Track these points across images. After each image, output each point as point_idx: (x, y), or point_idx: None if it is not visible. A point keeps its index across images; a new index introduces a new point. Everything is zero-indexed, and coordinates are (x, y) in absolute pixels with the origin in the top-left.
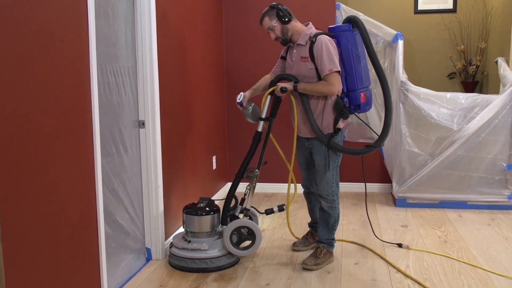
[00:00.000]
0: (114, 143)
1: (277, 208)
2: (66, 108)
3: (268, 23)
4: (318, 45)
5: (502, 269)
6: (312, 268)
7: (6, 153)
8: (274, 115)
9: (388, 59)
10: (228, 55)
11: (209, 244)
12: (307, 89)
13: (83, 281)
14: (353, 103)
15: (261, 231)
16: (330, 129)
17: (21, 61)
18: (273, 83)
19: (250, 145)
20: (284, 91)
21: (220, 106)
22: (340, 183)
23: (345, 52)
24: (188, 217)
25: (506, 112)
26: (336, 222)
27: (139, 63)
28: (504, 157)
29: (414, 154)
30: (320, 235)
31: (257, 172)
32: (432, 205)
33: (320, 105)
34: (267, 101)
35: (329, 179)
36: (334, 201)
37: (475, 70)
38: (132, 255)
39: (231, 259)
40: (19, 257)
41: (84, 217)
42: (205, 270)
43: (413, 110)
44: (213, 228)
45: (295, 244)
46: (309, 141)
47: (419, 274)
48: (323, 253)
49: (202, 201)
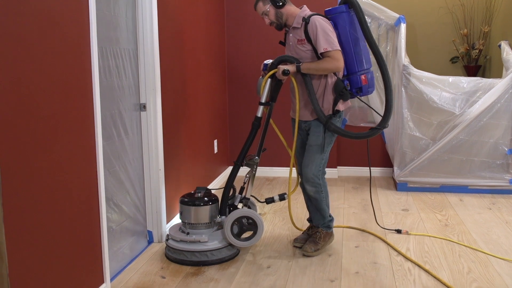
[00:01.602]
0: (115, 126)
1: (278, 197)
2: (67, 91)
3: (262, 8)
4: (312, 25)
5: (502, 252)
6: (313, 254)
7: (6, 136)
8: (274, 99)
9: (391, 42)
10: (230, 38)
11: (208, 235)
12: (311, 68)
13: (85, 263)
14: (354, 86)
15: (263, 220)
16: (330, 111)
17: (22, 44)
18: (273, 65)
19: (250, 131)
20: (287, 74)
21: (221, 90)
22: (342, 167)
23: (343, 34)
24: (186, 207)
25: (508, 96)
26: (327, 203)
27: (140, 46)
28: (506, 141)
29: (416, 138)
30: (315, 221)
31: (257, 159)
32: (433, 189)
33: (321, 86)
34: (267, 84)
35: (318, 162)
36: (320, 185)
37: (478, 54)
38: (133, 237)
39: (231, 251)
40: (21, 239)
41: (86, 199)
42: (205, 263)
43: (415, 94)
44: (212, 218)
45: (297, 240)
46: (306, 123)
47: (420, 257)
48: (322, 236)
49: (200, 191)
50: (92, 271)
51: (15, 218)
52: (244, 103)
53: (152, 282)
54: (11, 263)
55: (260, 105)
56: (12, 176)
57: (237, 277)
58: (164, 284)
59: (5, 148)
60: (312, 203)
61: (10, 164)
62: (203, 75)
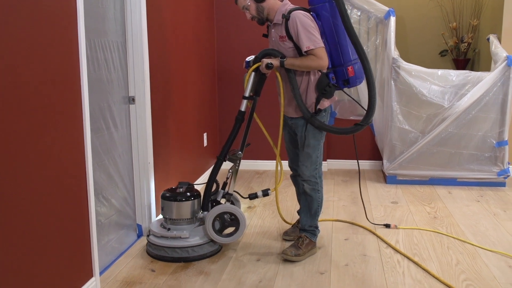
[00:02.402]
0: (103, 119)
1: (261, 192)
2: (54, 83)
3: (242, 2)
4: (292, 22)
5: (490, 244)
6: (292, 259)
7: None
8: (258, 93)
9: (380, 35)
10: (219, 31)
11: (190, 231)
12: (295, 64)
13: (74, 256)
14: (341, 78)
15: (245, 217)
16: (313, 108)
17: (8, 36)
18: (257, 59)
19: (233, 125)
20: (270, 68)
21: (211, 83)
22: (331, 160)
23: (327, 25)
24: (167, 203)
25: (497, 89)
26: (320, 207)
27: (129, 38)
28: (494, 134)
29: (405, 131)
30: (303, 222)
31: (240, 154)
32: (422, 182)
33: (304, 82)
34: (251, 78)
35: (313, 160)
36: (317, 184)
37: (467, 47)
38: (123, 231)
39: (213, 247)
40: (9, 233)
41: (74, 193)
42: (187, 259)
43: (404, 87)
44: (194, 214)
45: (286, 233)
46: (292, 120)
47: (409, 250)
48: (305, 243)
49: (182, 186)
50: (81, 265)
51: (2, 211)
52: (234, 96)
53: (141, 275)
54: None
55: (244, 99)
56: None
57: (227, 269)
58: (153, 277)
59: None
60: (306, 200)
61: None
62: (193, 68)
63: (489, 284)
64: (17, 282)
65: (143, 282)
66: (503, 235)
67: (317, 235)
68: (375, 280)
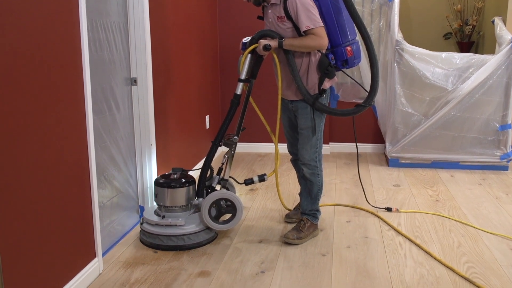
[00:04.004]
0: (105, 100)
1: (257, 178)
2: (56, 64)
3: None
4: (291, 2)
5: (491, 227)
6: (294, 242)
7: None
8: (254, 76)
9: (384, 18)
10: (222, 13)
11: (185, 218)
12: (294, 44)
13: (76, 237)
14: (339, 59)
15: (242, 203)
16: (315, 90)
17: (8, 16)
18: (254, 40)
19: (228, 109)
20: (268, 49)
21: (213, 65)
22: (334, 143)
23: (324, 5)
24: (161, 189)
25: (501, 72)
26: (320, 191)
27: (130, 19)
28: (498, 117)
29: (408, 114)
30: (304, 206)
31: (236, 139)
32: (424, 165)
33: (304, 64)
34: (247, 60)
35: (313, 144)
36: (317, 168)
37: (471, 30)
38: (125, 213)
39: (209, 234)
40: (12, 214)
41: (77, 175)
42: (183, 247)
43: (407, 69)
44: (189, 201)
45: (288, 216)
46: (292, 103)
47: (411, 232)
48: (306, 226)
49: (175, 172)
50: (84, 246)
51: (5, 193)
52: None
53: (144, 256)
54: (2, 237)
55: (240, 82)
56: (0, 152)
57: (229, 251)
58: (156, 258)
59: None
60: (306, 185)
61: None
62: (195, 49)
63: (491, 266)
64: (20, 264)
65: (146, 263)
66: (505, 218)
67: (318, 217)
68: (377, 262)
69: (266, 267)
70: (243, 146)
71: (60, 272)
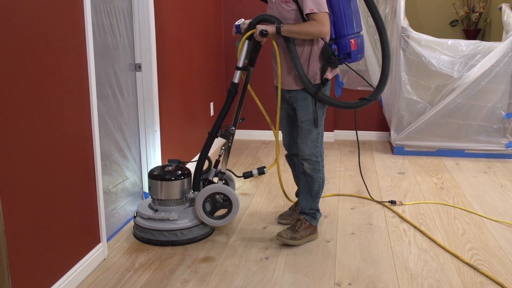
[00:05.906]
0: (110, 86)
1: (256, 171)
2: (60, 49)
3: None
4: None
5: (496, 215)
6: (288, 242)
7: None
8: (252, 63)
9: (390, 4)
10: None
11: (178, 213)
12: (293, 31)
13: (81, 223)
14: (342, 51)
15: (238, 198)
16: (317, 79)
17: (13, 2)
18: (251, 25)
19: (225, 98)
20: (265, 35)
21: (218, 51)
22: (338, 131)
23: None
24: (154, 182)
25: (507, 60)
26: (321, 189)
27: (134, 4)
28: (504, 105)
29: (413, 102)
30: (302, 204)
31: (234, 130)
32: (429, 153)
33: (306, 52)
34: (245, 47)
35: (313, 138)
36: (318, 163)
37: (478, 17)
38: (129, 198)
39: (204, 230)
40: (17, 199)
41: (81, 160)
42: (175, 243)
43: (413, 57)
44: (183, 194)
45: (282, 217)
46: (290, 93)
47: (415, 219)
48: (303, 226)
49: (170, 164)
50: (89, 231)
51: (10, 178)
52: None
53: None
54: (7, 222)
55: (237, 70)
56: (5, 138)
57: (232, 238)
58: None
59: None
60: (306, 181)
61: (3, 125)
62: (200, 35)
63: (495, 254)
64: (25, 249)
65: (150, 249)
66: (510, 206)
67: (318, 219)
68: (381, 249)
69: (270, 253)
70: (247, 133)
71: (65, 257)
